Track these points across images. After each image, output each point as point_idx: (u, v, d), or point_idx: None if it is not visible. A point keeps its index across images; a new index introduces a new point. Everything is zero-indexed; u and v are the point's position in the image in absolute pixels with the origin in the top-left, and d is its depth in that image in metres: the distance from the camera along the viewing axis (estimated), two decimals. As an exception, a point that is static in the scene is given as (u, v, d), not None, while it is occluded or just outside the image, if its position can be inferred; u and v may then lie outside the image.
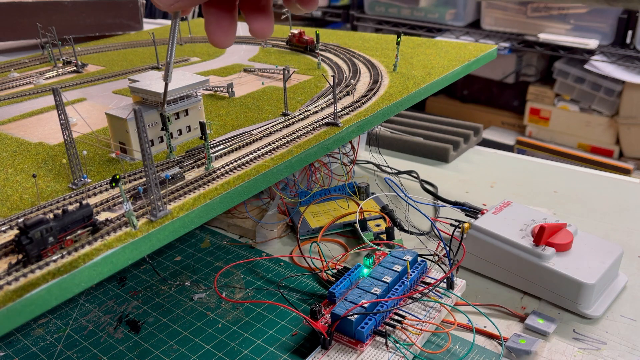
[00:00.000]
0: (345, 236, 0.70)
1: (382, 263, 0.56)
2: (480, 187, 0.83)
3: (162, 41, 1.07)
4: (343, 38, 0.99)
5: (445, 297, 0.54)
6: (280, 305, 0.57)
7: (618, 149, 2.12)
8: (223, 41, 0.40)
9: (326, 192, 0.75)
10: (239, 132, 0.60)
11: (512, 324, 0.54)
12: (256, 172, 0.50)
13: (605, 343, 0.51)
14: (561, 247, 0.56)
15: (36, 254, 0.37)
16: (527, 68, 2.35)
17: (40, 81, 0.83)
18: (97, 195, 0.47)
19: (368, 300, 0.50)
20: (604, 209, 0.75)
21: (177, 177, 0.48)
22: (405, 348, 0.48)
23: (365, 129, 0.62)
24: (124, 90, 0.77)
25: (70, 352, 0.52)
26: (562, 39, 2.03)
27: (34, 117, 0.68)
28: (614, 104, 2.06)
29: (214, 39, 0.39)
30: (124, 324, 0.56)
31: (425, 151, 0.94)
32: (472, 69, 0.80)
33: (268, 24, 0.41)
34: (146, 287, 0.62)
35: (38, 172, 0.52)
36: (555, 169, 0.89)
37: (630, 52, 1.94)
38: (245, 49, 0.99)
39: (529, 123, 2.31)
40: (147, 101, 0.56)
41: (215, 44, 0.39)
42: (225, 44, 0.40)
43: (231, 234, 0.72)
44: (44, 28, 0.95)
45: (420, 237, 0.68)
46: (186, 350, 0.52)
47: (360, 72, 0.77)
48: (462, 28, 2.25)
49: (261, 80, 0.79)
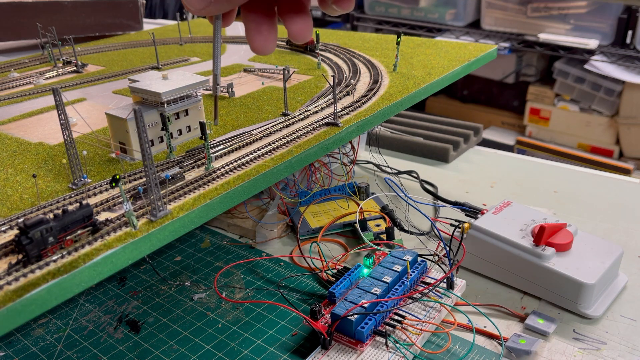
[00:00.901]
0: (345, 236, 0.70)
1: (382, 263, 0.56)
2: (480, 187, 0.83)
3: (162, 41, 1.07)
4: (343, 38, 0.99)
5: (445, 297, 0.54)
6: (280, 305, 0.57)
7: (618, 149, 2.12)
8: (264, 46, 0.39)
9: (326, 192, 0.75)
10: (239, 132, 0.60)
11: (512, 324, 0.54)
12: (256, 172, 0.50)
13: (605, 343, 0.51)
14: (561, 247, 0.56)
15: (36, 254, 0.37)
16: (527, 68, 2.35)
17: (40, 81, 0.83)
18: (97, 195, 0.47)
19: (368, 300, 0.50)
20: (604, 209, 0.75)
21: (177, 177, 0.48)
22: (405, 348, 0.48)
23: (365, 129, 0.62)
24: (124, 90, 0.77)
25: (70, 352, 0.52)
26: (562, 39, 2.03)
27: (34, 117, 0.68)
28: (614, 104, 2.06)
29: (254, 45, 0.38)
30: (124, 324, 0.56)
31: (425, 151, 0.94)
32: (472, 69, 0.80)
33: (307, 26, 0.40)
34: (146, 287, 0.62)
35: (38, 172, 0.52)
36: (555, 169, 0.89)
37: (630, 52, 1.94)
38: (245, 49, 0.99)
39: (529, 123, 2.31)
40: (147, 101, 0.56)
41: (256, 51, 0.39)
42: (266, 49, 0.39)
43: (231, 234, 0.72)
44: (44, 28, 0.95)
45: (420, 237, 0.68)
46: (186, 350, 0.52)
47: (360, 72, 0.77)
48: (462, 28, 2.25)
49: (261, 80, 0.79)
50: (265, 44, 0.39)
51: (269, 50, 0.40)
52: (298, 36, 0.40)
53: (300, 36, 0.40)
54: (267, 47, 0.39)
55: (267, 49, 0.39)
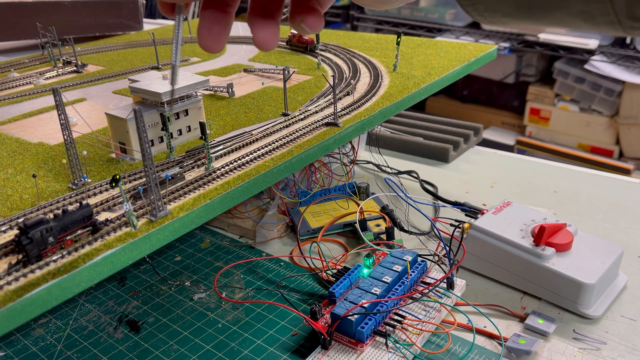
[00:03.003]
0: (345, 236, 0.70)
1: (382, 263, 0.56)
2: (480, 187, 0.83)
3: (162, 41, 1.07)
4: (343, 38, 0.99)
5: (445, 297, 0.54)
6: (280, 305, 0.57)
7: (618, 149, 2.12)
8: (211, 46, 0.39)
9: (326, 192, 0.75)
10: (239, 132, 0.60)
11: (512, 324, 0.54)
12: (256, 172, 0.50)
13: (605, 343, 0.51)
14: (561, 247, 0.56)
15: (36, 254, 0.37)
16: (527, 68, 2.35)
17: (40, 81, 0.83)
18: (97, 195, 0.47)
19: (368, 300, 0.50)
20: (604, 209, 0.75)
21: (177, 177, 0.48)
22: (405, 348, 0.48)
23: (365, 129, 0.62)
24: (124, 90, 0.77)
25: (70, 352, 0.52)
26: (562, 39, 2.03)
27: (34, 117, 0.68)
28: (614, 104, 2.06)
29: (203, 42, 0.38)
30: (124, 324, 0.56)
31: (425, 151, 0.94)
32: (472, 69, 0.80)
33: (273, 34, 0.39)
34: (146, 287, 0.62)
35: (38, 172, 0.52)
36: (555, 169, 0.89)
37: (630, 52, 1.94)
38: (245, 49, 0.99)
39: (529, 123, 2.31)
40: (147, 101, 0.56)
41: (202, 47, 0.39)
42: (213, 49, 0.39)
43: (231, 234, 0.72)
44: (44, 28, 0.95)
45: (420, 237, 0.68)
46: (186, 350, 0.52)
47: (360, 72, 0.77)
48: (462, 28, 2.25)
49: (261, 80, 0.79)
50: (212, 44, 0.39)
51: (216, 49, 0.39)
52: (263, 44, 0.39)
53: (265, 44, 0.39)
54: (214, 47, 0.39)
55: (213, 48, 0.39)
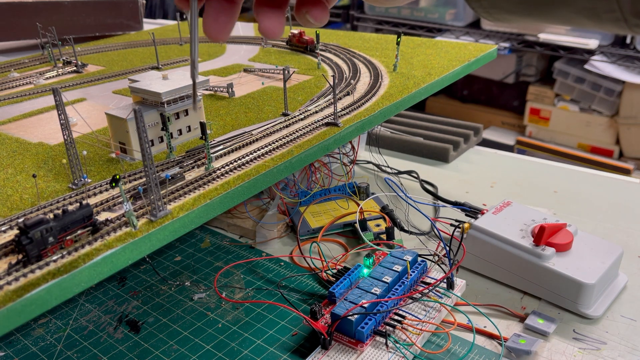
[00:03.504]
0: (345, 236, 0.70)
1: (382, 263, 0.56)
2: (480, 187, 0.83)
3: (162, 41, 1.07)
4: (343, 38, 0.99)
5: (445, 297, 0.54)
6: (280, 305, 0.57)
7: (618, 149, 2.12)
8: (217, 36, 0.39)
9: (326, 192, 0.75)
10: (239, 132, 0.60)
11: (512, 324, 0.54)
12: (256, 172, 0.50)
13: (605, 343, 0.51)
14: (561, 247, 0.56)
15: (36, 254, 0.37)
16: (527, 68, 2.35)
17: (40, 81, 0.83)
18: (97, 195, 0.47)
19: (368, 300, 0.50)
20: (604, 209, 0.75)
21: (177, 177, 0.48)
22: (405, 348, 0.48)
23: (365, 129, 0.62)
24: (124, 90, 0.77)
25: (70, 352, 0.52)
26: (562, 39, 2.03)
27: (34, 117, 0.68)
28: (614, 104, 2.06)
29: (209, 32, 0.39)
30: (124, 324, 0.56)
31: (425, 151, 0.94)
32: (472, 69, 0.80)
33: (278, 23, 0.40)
34: (146, 287, 0.62)
35: (38, 172, 0.52)
36: (555, 169, 0.89)
37: (630, 52, 1.94)
38: (245, 49, 0.99)
39: (529, 123, 2.31)
40: (147, 101, 0.56)
41: (208, 36, 0.39)
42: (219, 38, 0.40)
43: (231, 234, 0.72)
44: (44, 28, 0.95)
45: (420, 237, 0.68)
46: (186, 350, 0.52)
47: (360, 72, 0.77)
48: (462, 28, 2.25)
49: (261, 80, 0.79)
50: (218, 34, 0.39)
51: (221, 39, 0.40)
52: (268, 33, 0.40)
53: (271, 33, 0.40)
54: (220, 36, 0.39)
55: (219, 38, 0.40)
